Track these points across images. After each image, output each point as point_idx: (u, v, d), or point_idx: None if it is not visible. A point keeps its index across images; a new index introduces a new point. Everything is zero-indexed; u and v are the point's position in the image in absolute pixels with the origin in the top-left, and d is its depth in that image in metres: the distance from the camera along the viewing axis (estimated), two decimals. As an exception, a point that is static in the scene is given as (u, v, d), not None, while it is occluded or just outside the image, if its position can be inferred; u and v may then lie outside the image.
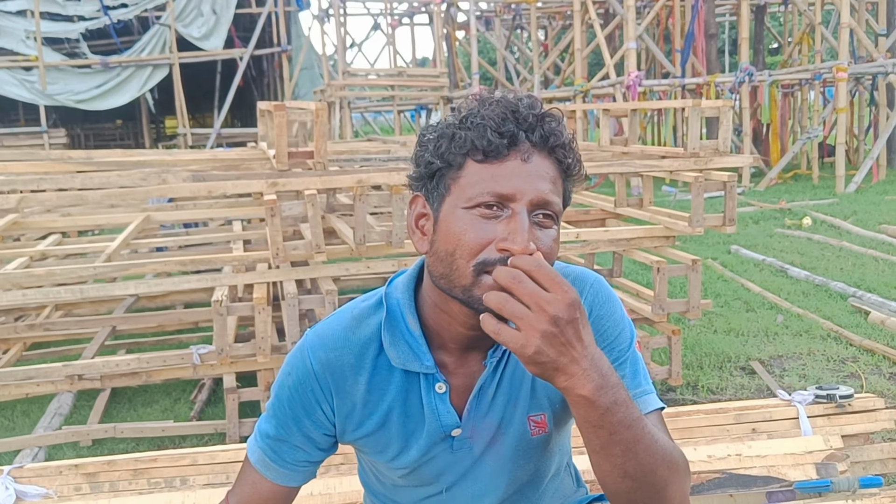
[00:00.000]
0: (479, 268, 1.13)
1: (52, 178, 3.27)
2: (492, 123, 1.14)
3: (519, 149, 1.14)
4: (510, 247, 1.11)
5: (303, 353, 1.31)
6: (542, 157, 1.16)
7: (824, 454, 2.33)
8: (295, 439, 1.32)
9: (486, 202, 1.13)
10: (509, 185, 1.13)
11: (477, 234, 1.13)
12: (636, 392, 1.27)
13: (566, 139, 1.17)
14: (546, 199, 1.14)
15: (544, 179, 1.15)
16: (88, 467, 2.44)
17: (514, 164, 1.14)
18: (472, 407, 1.30)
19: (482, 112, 1.16)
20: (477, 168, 1.15)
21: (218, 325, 3.41)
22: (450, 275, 1.16)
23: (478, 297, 1.13)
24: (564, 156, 1.17)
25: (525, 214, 1.13)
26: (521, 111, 1.16)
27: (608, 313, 1.30)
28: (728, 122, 3.87)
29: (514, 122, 1.14)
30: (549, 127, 1.16)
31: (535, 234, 1.14)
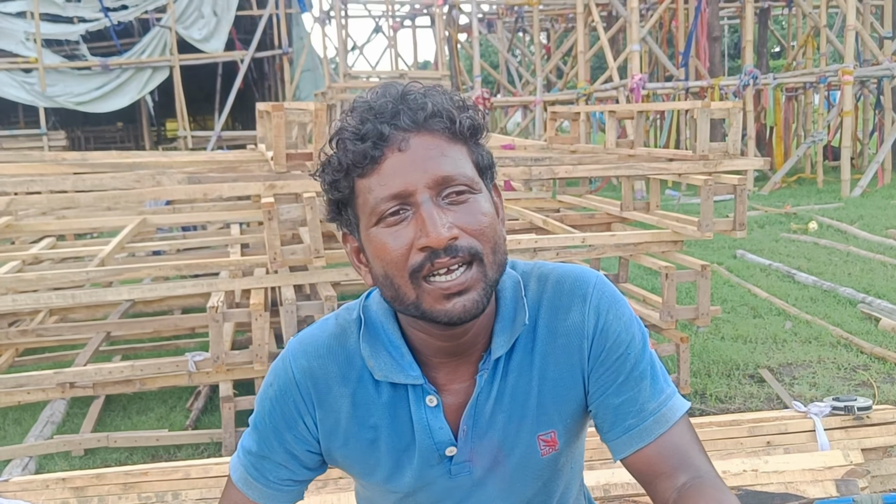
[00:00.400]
0: (415, 277, 1.05)
1: (43, 180, 3.17)
2: (348, 134, 1.06)
3: (390, 142, 1.05)
4: (426, 243, 1.03)
5: (284, 362, 1.22)
6: (421, 137, 1.06)
7: (844, 469, 2.23)
8: (277, 456, 1.23)
9: (385, 211, 1.05)
10: (396, 182, 1.04)
11: (394, 246, 1.05)
12: (661, 399, 1.18)
13: (438, 106, 1.07)
14: (442, 176, 1.05)
15: (433, 157, 1.05)
16: (76, 481, 2.35)
17: (392, 159, 1.05)
18: (469, 426, 1.19)
19: (342, 126, 1.08)
20: (363, 183, 1.06)
21: (214, 331, 3.31)
22: (396, 296, 1.08)
23: (428, 309, 1.06)
24: (444, 122, 1.07)
25: (429, 203, 1.04)
26: (375, 105, 1.06)
27: (616, 317, 1.19)
28: (738, 125, 3.79)
29: (374, 118, 1.05)
30: (414, 104, 1.06)
31: (453, 215, 1.05)
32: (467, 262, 1.05)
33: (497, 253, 1.09)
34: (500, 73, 18.50)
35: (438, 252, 1.03)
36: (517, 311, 1.18)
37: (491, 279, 1.08)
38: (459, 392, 1.19)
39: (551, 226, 4.07)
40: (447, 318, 1.06)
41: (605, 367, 1.18)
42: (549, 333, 1.19)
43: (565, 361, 1.19)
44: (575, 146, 5.28)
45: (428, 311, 1.06)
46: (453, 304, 1.05)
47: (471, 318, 1.07)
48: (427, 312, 1.06)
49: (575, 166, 3.73)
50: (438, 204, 1.05)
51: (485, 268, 1.07)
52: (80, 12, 16.33)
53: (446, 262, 1.04)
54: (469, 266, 1.06)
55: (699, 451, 1.18)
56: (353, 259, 1.17)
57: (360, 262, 1.15)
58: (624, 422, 1.17)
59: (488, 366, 1.18)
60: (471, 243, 1.05)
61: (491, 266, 1.08)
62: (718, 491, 1.11)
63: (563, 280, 1.21)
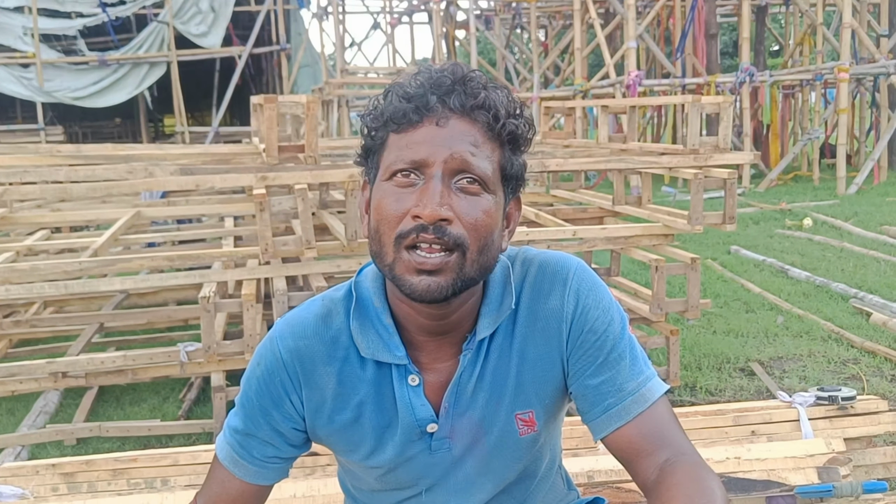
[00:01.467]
0: (399, 241, 1.08)
1: (36, 171, 3.19)
2: (401, 91, 1.10)
3: (432, 113, 1.09)
4: (419, 212, 1.06)
5: (272, 342, 1.24)
6: (461, 121, 1.09)
7: (826, 458, 2.26)
8: (263, 434, 1.25)
9: (399, 170, 1.09)
10: (422, 150, 1.08)
11: (394, 205, 1.08)
12: (640, 380, 1.20)
13: (491, 101, 1.10)
14: (464, 160, 1.08)
15: (462, 142, 1.08)
16: (66, 467, 2.37)
17: (427, 129, 1.08)
18: (450, 403, 1.22)
19: (399, 82, 1.12)
20: (395, 139, 1.11)
21: (205, 321, 3.33)
22: (379, 252, 1.12)
23: (398, 275, 1.09)
24: (488, 118, 1.10)
25: (439, 179, 1.07)
26: (435, 76, 1.10)
27: (595, 301, 1.22)
28: (728, 119, 3.80)
29: (428, 87, 1.09)
30: (470, 90, 1.10)
31: (456, 201, 1.08)
32: (449, 249, 1.07)
33: (483, 254, 1.11)
34: (497, 69, 18.51)
35: (427, 227, 1.06)
36: (504, 296, 1.21)
37: (467, 274, 1.10)
38: (442, 371, 1.22)
39: (543, 219, 4.09)
40: (410, 290, 1.09)
41: (583, 349, 1.21)
42: (530, 316, 1.22)
43: (544, 343, 1.22)
44: (568, 141, 5.30)
45: (398, 276, 1.09)
46: (420, 279, 1.08)
47: (431, 300, 1.09)
48: (397, 278, 1.09)
49: (566, 160, 3.75)
50: (448, 185, 1.08)
51: (464, 261, 1.09)
52: (78, 7, 16.32)
53: (430, 238, 1.06)
54: (450, 253, 1.08)
55: (679, 431, 1.20)
56: (362, 208, 1.20)
57: (366, 213, 1.18)
58: (603, 401, 1.20)
59: (472, 346, 1.20)
60: (459, 232, 1.08)
61: (472, 263, 1.10)
62: (699, 467, 1.14)
63: (545, 265, 1.24)
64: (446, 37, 16.83)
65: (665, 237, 3.89)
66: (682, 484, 1.10)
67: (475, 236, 1.09)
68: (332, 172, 3.35)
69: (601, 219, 4.57)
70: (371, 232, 1.13)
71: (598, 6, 15.12)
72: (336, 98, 14.15)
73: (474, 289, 1.17)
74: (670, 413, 1.21)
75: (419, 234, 1.06)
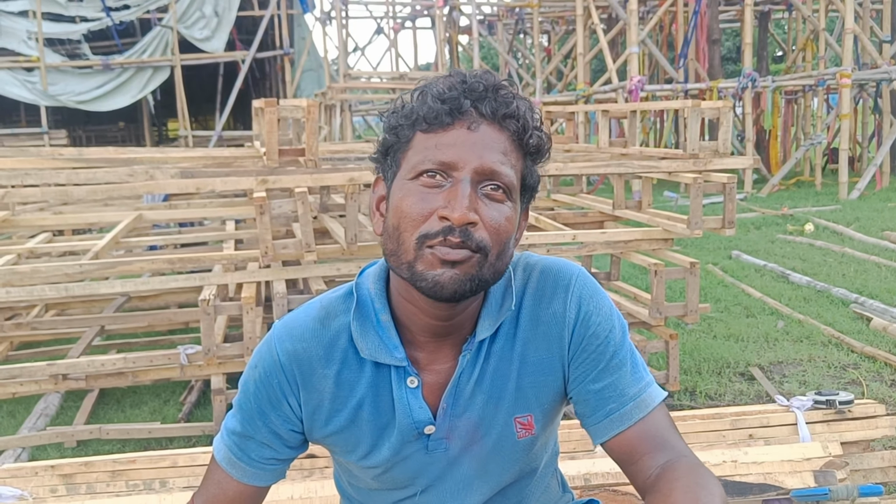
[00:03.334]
0: (422, 241, 1.08)
1: (37, 174, 3.20)
2: (435, 92, 1.11)
3: (465, 118, 1.10)
4: (448, 214, 1.06)
5: (269, 345, 1.25)
6: (491, 128, 1.11)
7: (823, 461, 2.26)
8: (261, 435, 1.26)
9: (427, 170, 1.09)
10: (452, 153, 1.09)
11: (419, 205, 1.09)
12: (641, 386, 1.22)
13: (521, 111, 1.12)
14: (492, 169, 1.09)
15: (492, 150, 1.10)
16: (65, 468, 2.38)
17: (459, 132, 1.09)
18: (448, 404, 1.23)
19: (431, 83, 1.13)
20: (422, 138, 1.11)
21: (205, 324, 3.34)
22: (397, 250, 1.11)
23: (419, 271, 1.09)
24: (518, 128, 1.12)
25: (468, 183, 1.08)
26: (469, 81, 1.12)
27: (596, 308, 1.23)
28: (728, 124, 3.81)
29: (461, 91, 1.10)
30: (502, 98, 1.12)
31: (481, 207, 1.09)
32: (473, 250, 1.09)
33: (500, 259, 1.12)
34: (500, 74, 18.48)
35: (454, 229, 1.07)
36: (505, 297, 1.22)
37: (483, 276, 1.11)
38: (441, 372, 1.23)
39: (543, 223, 4.10)
40: (433, 283, 1.08)
41: (585, 354, 1.22)
42: (532, 320, 1.23)
43: (545, 348, 1.23)
44: (569, 145, 5.31)
45: (419, 273, 1.08)
46: (443, 271, 1.08)
47: (449, 293, 1.09)
48: (417, 275, 1.09)
49: (566, 164, 3.76)
50: (476, 190, 1.09)
51: (484, 263, 1.10)
52: (82, 11, 16.38)
53: (456, 241, 1.07)
54: (473, 252, 1.09)
55: (678, 436, 1.22)
56: (374, 205, 1.21)
57: (378, 210, 1.20)
58: (605, 406, 1.21)
59: (472, 347, 1.21)
60: (483, 237, 1.09)
61: (490, 266, 1.11)
62: (699, 467, 1.15)
63: (547, 270, 1.25)
64: (449, 42, 16.85)
65: (665, 241, 3.90)
66: (681, 478, 1.11)
67: (496, 241, 1.10)
68: (332, 176, 3.36)
69: (601, 223, 4.58)
70: (389, 229, 1.13)
71: (600, 11, 15.15)
72: (339, 102, 14.17)
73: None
74: (669, 419, 1.23)
75: (446, 236, 1.07)
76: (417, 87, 1.16)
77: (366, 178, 3.42)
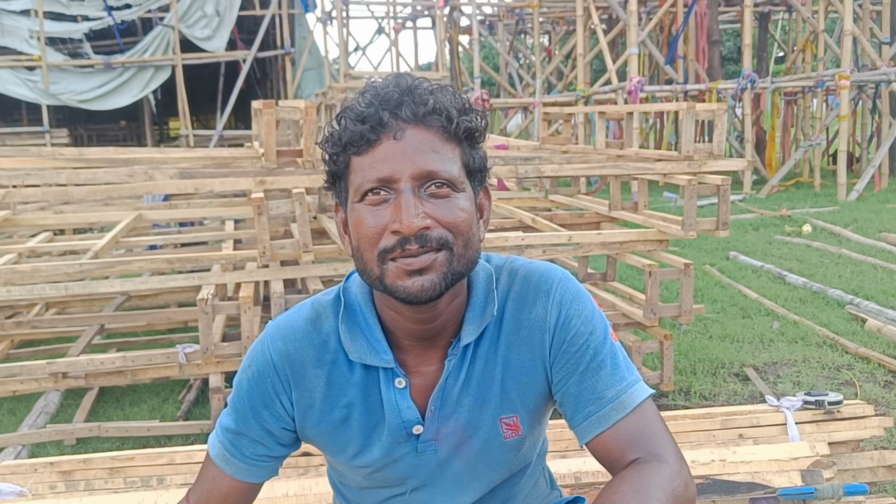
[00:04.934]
0: (382, 256, 1.12)
1: (38, 174, 3.24)
2: (352, 114, 1.14)
3: (388, 129, 1.12)
4: (398, 227, 1.10)
5: (263, 345, 1.28)
6: (417, 130, 1.13)
7: (810, 461, 2.29)
8: (254, 433, 1.29)
9: (369, 189, 1.12)
10: (385, 167, 1.11)
11: (371, 224, 1.13)
12: (621, 387, 1.24)
13: (440, 105, 1.14)
14: (428, 170, 1.12)
15: (423, 152, 1.12)
16: (64, 465, 2.41)
17: (387, 145, 1.12)
18: (436, 406, 1.26)
19: (349, 106, 1.16)
20: (357, 161, 1.14)
21: (203, 323, 3.37)
22: (364, 269, 1.16)
23: (389, 284, 1.13)
24: (442, 121, 1.14)
25: (409, 192, 1.11)
26: (381, 92, 1.14)
27: (577, 311, 1.26)
28: (723, 126, 3.84)
29: (378, 104, 1.13)
30: (418, 98, 1.13)
31: (431, 207, 1.12)
32: (436, 250, 1.12)
33: (468, 249, 1.15)
34: (500, 74, 18.56)
35: (409, 238, 1.10)
36: (487, 302, 1.25)
37: (455, 269, 1.14)
38: (428, 374, 1.26)
39: (540, 224, 4.13)
40: (405, 294, 1.12)
41: (565, 358, 1.25)
42: (514, 324, 1.26)
43: (528, 352, 1.26)
44: (566, 147, 5.35)
45: (389, 285, 1.13)
46: (413, 281, 1.12)
47: (426, 299, 1.13)
48: (388, 287, 1.13)
49: (561, 165, 3.79)
50: (418, 195, 1.11)
51: (452, 257, 1.13)
52: (84, 11, 16.43)
53: (415, 250, 1.10)
54: (437, 252, 1.12)
55: (660, 435, 1.23)
56: (340, 229, 1.25)
57: (346, 233, 1.23)
58: (584, 409, 1.24)
59: (457, 351, 1.24)
60: (442, 234, 1.12)
61: (459, 258, 1.14)
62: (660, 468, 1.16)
63: (530, 275, 1.28)
64: (450, 42, 16.88)
65: (660, 242, 3.93)
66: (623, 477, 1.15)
67: (457, 232, 1.13)
68: (329, 177, 3.39)
69: (598, 224, 4.61)
70: (354, 251, 1.17)
71: (600, 12, 15.19)
72: (339, 102, 14.19)
73: (458, 291, 1.22)
74: (653, 418, 1.24)
75: (403, 247, 1.10)
76: (339, 112, 1.19)
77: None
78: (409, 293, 1.12)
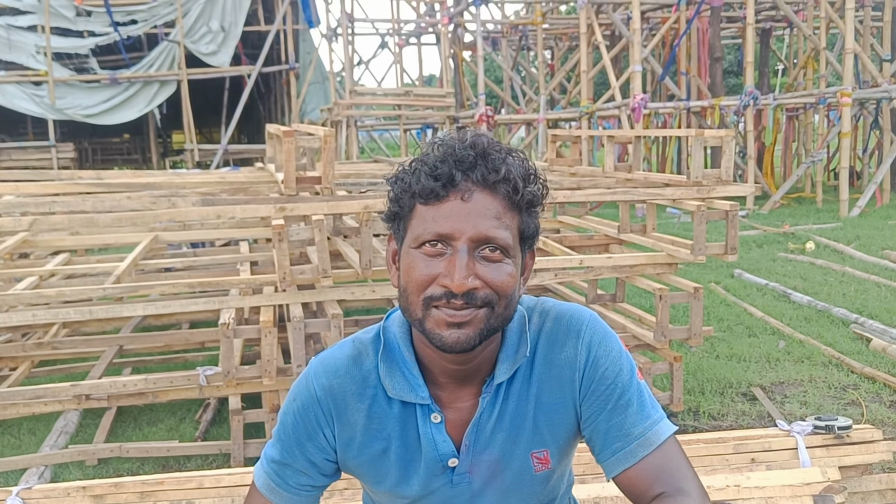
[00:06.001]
0: (427, 302, 1.20)
1: (63, 201, 3.32)
2: (427, 168, 1.20)
3: (458, 189, 1.19)
4: (448, 284, 1.17)
5: (307, 381, 1.36)
6: (484, 194, 1.19)
7: (822, 486, 2.36)
8: (298, 464, 1.37)
9: (428, 240, 1.19)
10: (447, 224, 1.18)
11: (422, 272, 1.20)
12: (646, 424, 1.30)
13: (511, 174, 1.20)
14: (486, 236, 1.18)
15: (486, 217, 1.19)
16: (96, 489, 2.48)
17: (453, 204, 1.19)
18: (470, 441, 1.33)
19: (425, 157, 1.22)
20: (422, 210, 1.21)
21: (225, 347, 3.45)
22: (408, 309, 1.24)
23: (429, 329, 1.21)
24: (509, 191, 1.20)
25: (465, 252, 1.18)
26: (458, 152, 1.20)
27: (605, 352, 1.33)
28: (731, 152, 3.92)
29: (452, 163, 1.19)
30: (491, 164, 1.19)
31: (482, 269, 1.19)
32: (477, 307, 1.20)
33: (508, 309, 1.23)
34: (504, 90, 18.68)
35: (456, 295, 1.18)
36: (520, 344, 1.33)
37: (492, 325, 1.22)
38: (463, 410, 1.34)
39: (550, 247, 4.21)
40: (440, 343, 1.21)
41: (594, 396, 1.32)
42: (546, 364, 1.34)
43: (558, 390, 1.34)
44: (575, 168, 5.43)
45: (428, 331, 1.21)
46: (450, 333, 1.20)
47: (460, 350, 1.21)
48: (427, 332, 1.21)
49: (573, 191, 3.87)
50: (473, 255, 1.19)
51: (492, 315, 1.21)
52: (91, 26, 16.57)
53: (460, 304, 1.19)
54: (478, 308, 1.20)
55: (684, 471, 1.30)
56: (390, 259, 1.32)
57: (394, 264, 1.31)
58: (612, 445, 1.31)
59: (491, 389, 1.32)
60: (487, 294, 1.20)
61: (498, 316, 1.22)
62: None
63: (560, 317, 1.36)
64: (454, 58, 17.00)
65: (669, 266, 4.01)
66: None
67: (501, 295, 1.21)
68: (347, 203, 3.47)
69: (607, 246, 4.69)
70: (400, 289, 1.25)
71: (603, 29, 15.30)
72: (345, 118, 14.31)
73: (494, 336, 1.29)
74: (677, 454, 1.31)
75: (449, 300, 1.18)
76: (414, 159, 1.25)
77: (379, 206, 3.54)
78: (444, 343, 1.21)
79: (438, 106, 15.06)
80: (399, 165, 1.28)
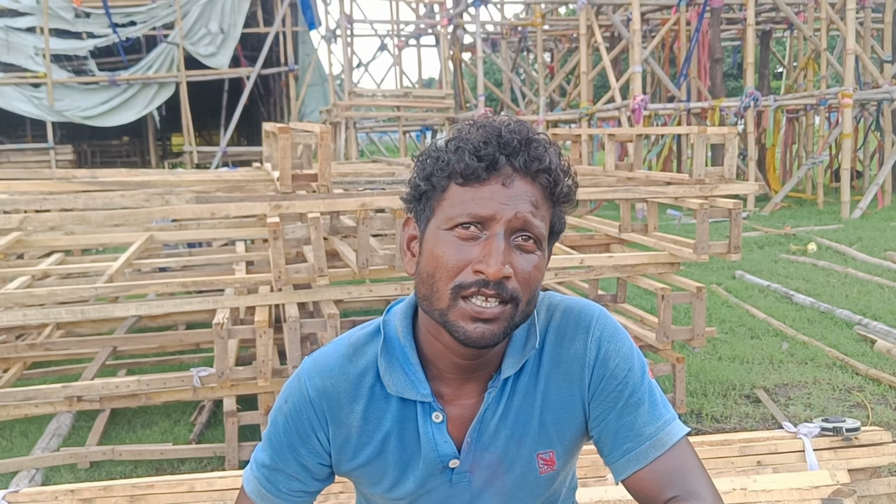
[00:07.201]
0: (456, 291, 1.13)
1: (55, 198, 3.26)
2: (471, 147, 1.14)
3: (500, 173, 1.13)
4: (484, 269, 1.10)
5: (299, 381, 1.29)
6: (525, 182, 1.14)
7: (831, 489, 2.30)
8: (290, 468, 1.30)
9: (463, 223, 1.13)
10: (487, 207, 1.12)
11: (455, 256, 1.13)
12: (659, 424, 1.25)
13: (553, 164, 1.15)
14: (526, 221, 1.13)
15: (525, 203, 1.13)
16: (84, 493, 2.41)
17: (494, 187, 1.13)
18: (472, 439, 1.27)
19: (466, 136, 1.16)
20: (458, 191, 1.15)
21: (219, 348, 3.38)
22: (430, 296, 1.16)
23: (452, 321, 1.13)
24: (549, 181, 1.15)
25: (502, 237, 1.12)
26: (504, 135, 1.15)
27: (616, 348, 1.27)
28: (734, 150, 3.86)
29: (496, 146, 1.14)
30: (535, 152, 1.15)
31: (514, 258, 1.13)
32: (504, 301, 1.13)
33: (529, 305, 1.17)
34: (503, 92, 18.64)
35: (489, 282, 1.11)
36: (529, 337, 1.26)
37: (515, 322, 1.16)
38: (466, 407, 1.27)
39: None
40: (464, 336, 1.13)
41: (604, 394, 1.26)
42: (554, 359, 1.27)
43: (566, 387, 1.27)
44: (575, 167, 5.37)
45: (452, 322, 1.13)
46: (475, 327, 1.13)
47: (483, 346, 1.15)
48: (450, 324, 1.14)
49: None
50: (509, 242, 1.13)
51: (516, 311, 1.15)
52: (89, 28, 16.55)
53: (491, 293, 1.11)
54: (504, 304, 1.13)
55: (697, 474, 1.23)
56: (404, 244, 1.24)
57: (409, 250, 1.23)
58: (622, 445, 1.25)
59: (497, 384, 1.25)
60: (515, 287, 1.13)
61: (520, 313, 1.16)
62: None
63: (569, 311, 1.29)
64: (453, 59, 16.96)
65: (671, 265, 3.95)
66: None
67: (527, 290, 1.14)
68: (344, 201, 3.41)
69: (607, 245, 4.63)
70: (423, 274, 1.17)
71: (603, 30, 15.25)
72: (344, 120, 14.26)
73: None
74: (690, 456, 1.25)
75: (480, 288, 1.11)
76: (452, 135, 1.19)
77: (377, 204, 3.48)
78: (468, 337, 1.14)
79: (438, 108, 15.02)
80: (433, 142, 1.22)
